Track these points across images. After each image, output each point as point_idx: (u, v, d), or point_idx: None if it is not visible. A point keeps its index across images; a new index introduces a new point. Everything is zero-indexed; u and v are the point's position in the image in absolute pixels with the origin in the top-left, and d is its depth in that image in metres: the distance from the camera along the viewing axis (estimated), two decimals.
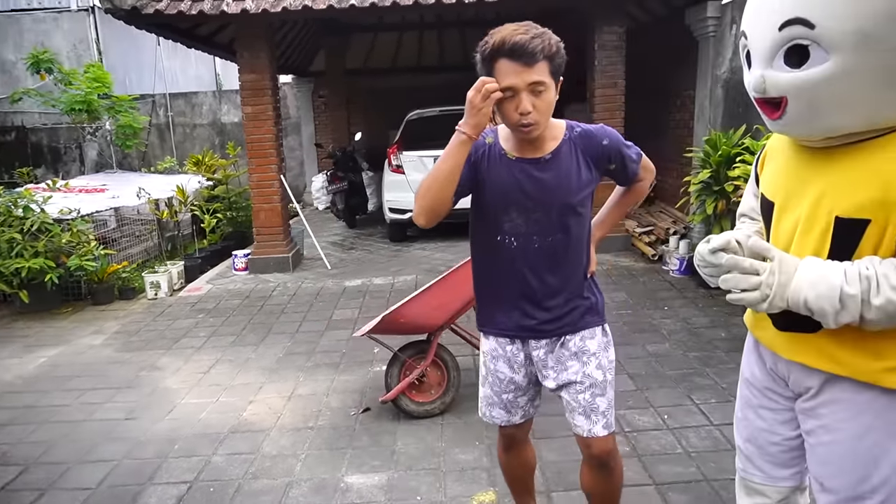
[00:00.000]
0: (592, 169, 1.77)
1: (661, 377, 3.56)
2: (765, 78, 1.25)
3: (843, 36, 1.12)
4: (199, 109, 11.97)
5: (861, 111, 1.19)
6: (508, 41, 1.55)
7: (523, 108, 1.59)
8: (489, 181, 1.73)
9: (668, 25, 6.54)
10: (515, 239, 1.75)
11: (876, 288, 1.17)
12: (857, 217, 1.21)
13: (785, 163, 1.40)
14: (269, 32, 6.25)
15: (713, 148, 4.82)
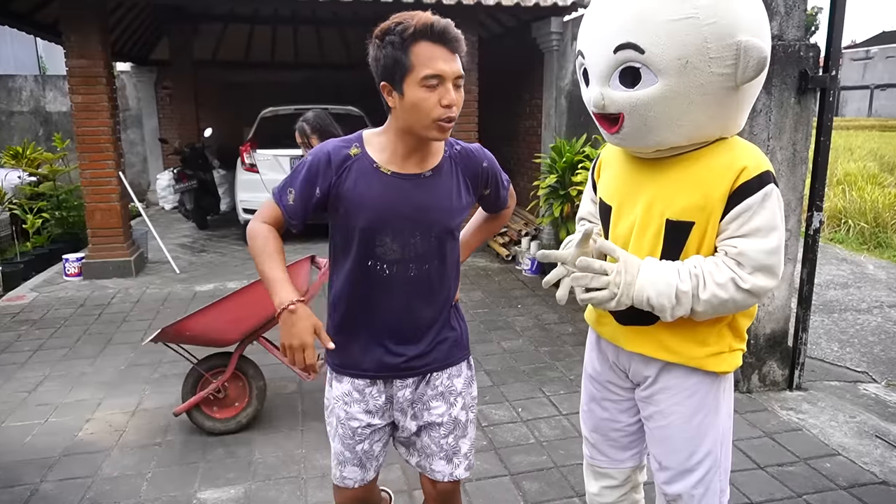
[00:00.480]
0: (470, 191, 1.62)
1: (515, 372, 3.76)
2: (603, 96, 1.36)
3: (669, 62, 1.27)
4: (18, 95, 10.63)
5: (685, 128, 1.34)
6: (437, 23, 1.38)
7: (450, 98, 1.39)
8: (357, 200, 1.49)
9: (519, 36, 6.90)
10: (389, 266, 1.53)
11: (703, 284, 1.34)
12: (683, 220, 1.38)
13: (619, 171, 1.55)
14: (102, 14, 5.71)
15: (559, 154, 5.18)
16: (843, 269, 6.19)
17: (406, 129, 1.47)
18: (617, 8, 1.33)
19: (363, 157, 1.51)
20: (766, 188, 1.33)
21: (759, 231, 1.33)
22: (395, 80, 1.40)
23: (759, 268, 1.34)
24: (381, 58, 1.40)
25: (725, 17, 1.26)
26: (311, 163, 1.50)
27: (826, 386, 3.56)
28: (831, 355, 4.11)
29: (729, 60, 1.28)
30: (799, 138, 3.29)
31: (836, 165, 10.34)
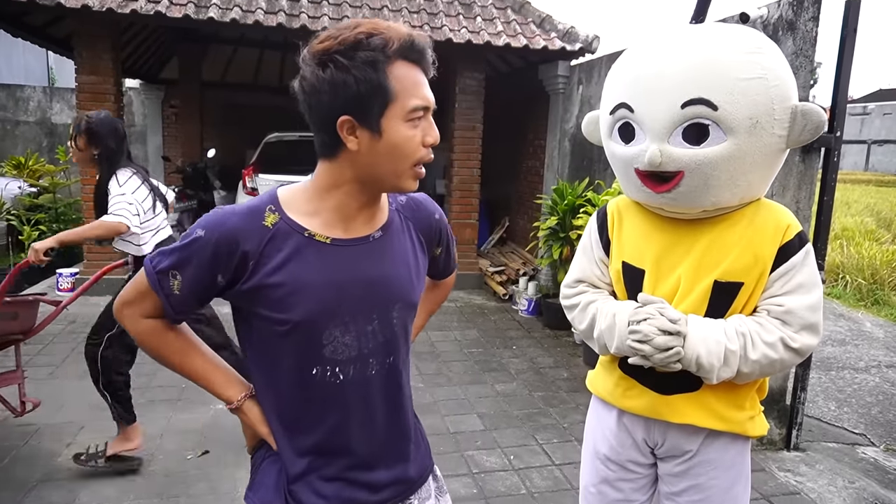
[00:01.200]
0: (425, 250, 1.27)
1: (508, 417, 3.69)
2: (662, 152, 1.28)
3: (741, 120, 1.24)
4: (25, 105, 10.66)
5: (741, 188, 1.32)
6: (417, 39, 1.07)
7: (436, 135, 1.09)
8: (288, 288, 1.07)
9: (526, 77, 6.98)
10: (342, 369, 1.12)
11: (752, 344, 1.29)
12: (733, 280, 1.33)
13: (647, 231, 1.46)
14: (115, 32, 5.76)
15: (560, 196, 5.18)
16: (840, 326, 6.17)
17: (368, 180, 1.10)
18: (680, 61, 1.28)
19: (285, 225, 1.09)
20: (806, 246, 1.34)
21: (803, 287, 1.32)
22: (368, 112, 1.03)
23: (805, 326, 1.32)
24: (350, 83, 1.01)
25: (785, 80, 1.28)
26: (207, 242, 1.06)
27: (824, 447, 3.50)
28: (829, 414, 4.06)
29: (786, 123, 1.29)
30: (802, 196, 3.30)
31: (833, 219, 10.39)
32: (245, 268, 1.07)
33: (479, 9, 6.36)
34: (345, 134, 1.05)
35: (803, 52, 3.15)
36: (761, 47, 1.28)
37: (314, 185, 1.13)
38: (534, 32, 6.16)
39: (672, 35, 1.35)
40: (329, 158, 1.09)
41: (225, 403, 1.20)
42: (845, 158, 29.76)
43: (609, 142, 1.46)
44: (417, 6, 6.14)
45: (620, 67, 1.42)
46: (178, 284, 1.09)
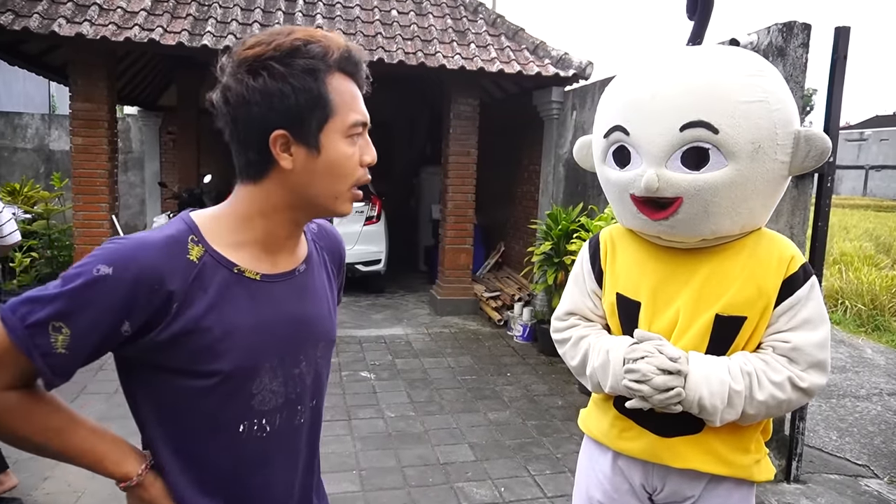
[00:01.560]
0: (336, 282, 1.19)
1: (500, 447, 3.60)
2: (659, 177, 1.21)
3: (743, 145, 1.19)
4: (23, 132, 10.72)
5: (742, 216, 1.25)
6: (353, 50, 0.98)
7: (374, 154, 1.01)
8: (218, 334, 0.93)
9: (520, 103, 7.00)
10: (270, 420, 1.00)
11: (757, 384, 1.22)
12: (735, 315, 1.26)
13: (638, 261, 1.38)
14: (111, 61, 5.78)
15: (555, 222, 5.15)
16: (840, 352, 6.08)
17: (300, 204, 0.98)
18: (679, 83, 1.22)
19: (211, 259, 0.95)
20: (811, 279, 1.27)
21: (809, 323, 1.25)
22: (306, 127, 0.93)
23: (813, 363, 1.24)
24: (287, 93, 0.91)
25: (787, 104, 1.24)
26: (118, 282, 0.86)
27: (825, 479, 3.40)
28: (830, 445, 3.96)
29: (789, 148, 1.24)
30: (796, 222, 3.26)
31: (832, 244, 10.37)
32: (167, 312, 0.89)
33: (472, 36, 6.40)
34: (278, 150, 0.93)
35: (793, 77, 3.14)
36: (762, 70, 1.23)
37: (235, 212, 0.99)
38: (527, 59, 6.19)
39: (670, 56, 1.29)
40: (254, 181, 0.97)
41: (117, 482, 0.97)
42: (843, 184, 29.86)
43: (603, 167, 1.38)
44: (412, 33, 6.18)
45: (615, 89, 1.36)
46: (65, 340, 0.86)
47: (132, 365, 0.95)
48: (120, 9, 5.44)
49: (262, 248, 1.00)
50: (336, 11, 6.25)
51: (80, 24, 5.11)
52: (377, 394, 4.34)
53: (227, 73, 0.94)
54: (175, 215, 6.90)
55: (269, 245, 1.00)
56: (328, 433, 3.66)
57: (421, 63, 5.75)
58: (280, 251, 1.02)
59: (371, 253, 7.17)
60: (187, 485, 0.98)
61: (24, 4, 5.17)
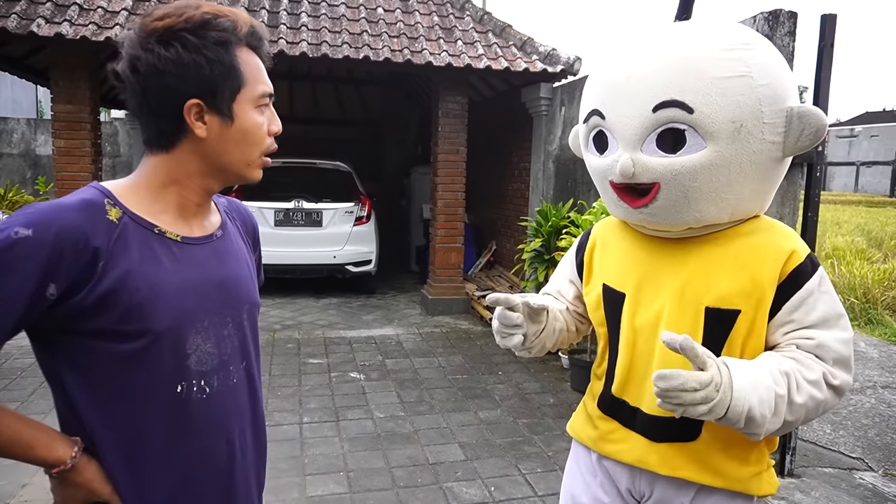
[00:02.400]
0: (251, 251, 1.21)
1: (490, 446, 3.54)
2: (634, 162, 1.14)
3: (721, 124, 1.09)
4: (9, 137, 10.63)
5: (729, 201, 1.16)
6: (256, 25, 1.03)
7: (279, 124, 1.06)
8: (147, 291, 0.92)
9: (509, 100, 6.96)
10: (208, 380, 1.00)
11: (796, 385, 1.09)
12: (727, 308, 1.16)
13: (628, 252, 1.31)
14: (93, 62, 5.70)
15: (545, 218, 5.10)
16: None
17: (214, 171, 1.01)
18: (653, 61, 1.14)
19: (130, 220, 0.95)
20: (819, 271, 1.18)
21: (828, 320, 1.14)
22: (220, 96, 0.96)
23: (839, 360, 1.13)
24: (202, 63, 0.94)
25: (777, 79, 1.13)
26: (39, 242, 0.85)
27: (820, 473, 3.36)
28: (824, 438, 3.92)
29: (780, 128, 1.14)
30: (786, 213, 3.22)
31: (824, 239, 10.37)
32: (93, 271, 0.88)
33: (459, 32, 6.35)
34: (192, 119, 0.96)
35: None
36: (749, 43, 1.13)
37: (148, 182, 1.00)
38: (515, 55, 6.15)
39: (648, 34, 1.21)
40: (165, 149, 0.99)
41: (47, 469, 0.93)
42: (835, 180, 30.00)
43: (586, 153, 1.32)
44: (398, 31, 6.13)
45: (594, 72, 1.29)
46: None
47: (55, 339, 0.92)
48: (101, 8, 5.37)
49: (177, 215, 1.02)
50: (321, 10, 6.20)
51: (59, 25, 5.04)
52: (366, 394, 4.27)
53: (135, 43, 0.95)
54: None
55: (183, 211, 1.03)
56: (316, 434, 3.59)
57: (407, 60, 5.70)
58: (193, 217, 1.05)
59: (361, 253, 7.10)
60: (122, 464, 0.96)
61: (1, 4, 5.09)
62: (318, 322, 6.20)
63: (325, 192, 7.02)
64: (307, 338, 5.60)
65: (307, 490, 2.99)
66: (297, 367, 4.78)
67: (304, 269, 7.00)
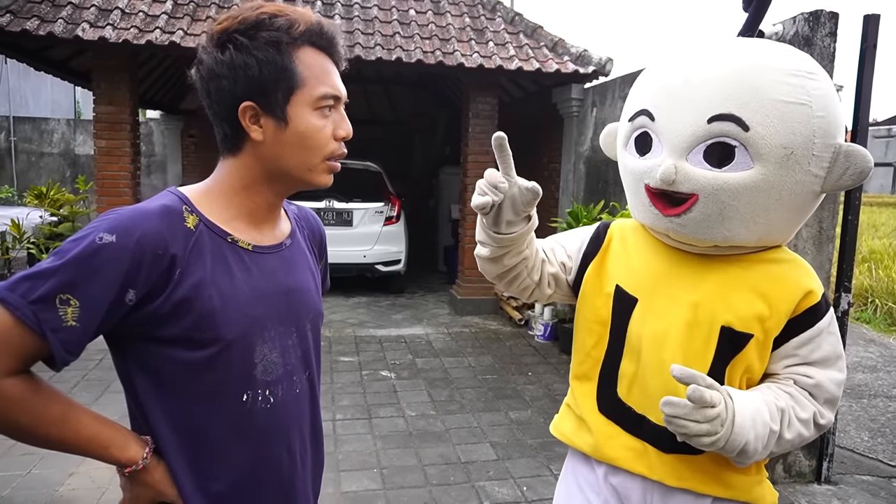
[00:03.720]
0: (317, 262, 1.21)
1: (522, 446, 3.56)
2: (677, 169, 1.11)
3: (774, 148, 1.07)
4: (50, 137, 10.94)
5: (761, 227, 1.14)
6: (326, 25, 1.00)
7: (349, 128, 1.02)
8: (219, 300, 0.94)
9: (539, 101, 6.95)
10: (273, 390, 1.01)
11: (788, 422, 1.13)
12: (741, 330, 1.16)
13: (643, 258, 1.29)
14: (133, 64, 5.86)
15: (575, 219, 5.09)
16: (871, 351, 5.93)
17: (276, 176, 1.00)
18: (715, 70, 1.11)
19: (206, 228, 0.96)
20: (830, 311, 1.19)
21: (829, 360, 1.17)
22: (273, 98, 0.95)
23: (830, 401, 1.17)
24: (251, 65, 0.93)
25: (832, 114, 1.11)
26: (123, 248, 0.86)
27: (857, 481, 3.31)
28: (861, 445, 3.85)
29: (825, 163, 1.11)
30: (825, 216, 3.17)
31: (860, 242, 10.14)
32: (170, 278, 0.90)
33: (491, 34, 6.37)
34: (247, 122, 0.96)
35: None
36: (813, 73, 1.11)
37: (221, 187, 1.01)
38: (546, 56, 6.15)
39: (712, 44, 1.19)
40: (233, 153, 1.00)
41: (120, 468, 0.94)
42: (871, 181, 29.24)
43: (624, 153, 1.29)
44: (430, 32, 6.17)
45: (649, 72, 1.26)
46: (74, 312, 0.84)
47: (128, 343, 0.94)
48: (141, 13, 5.51)
49: (248, 221, 1.02)
50: (354, 11, 6.27)
51: (102, 28, 5.18)
52: (398, 393, 4.32)
53: (201, 48, 0.98)
54: None
55: (254, 218, 1.03)
56: (349, 431, 3.65)
57: (439, 62, 5.74)
58: (264, 224, 1.05)
59: (391, 253, 7.16)
60: (186, 467, 0.97)
61: (48, 10, 5.26)
62: (349, 320, 6.27)
63: (355, 191, 7.10)
64: (338, 336, 5.67)
65: (342, 486, 3.04)
66: (328, 364, 4.85)
67: (335, 268, 7.07)
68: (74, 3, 5.38)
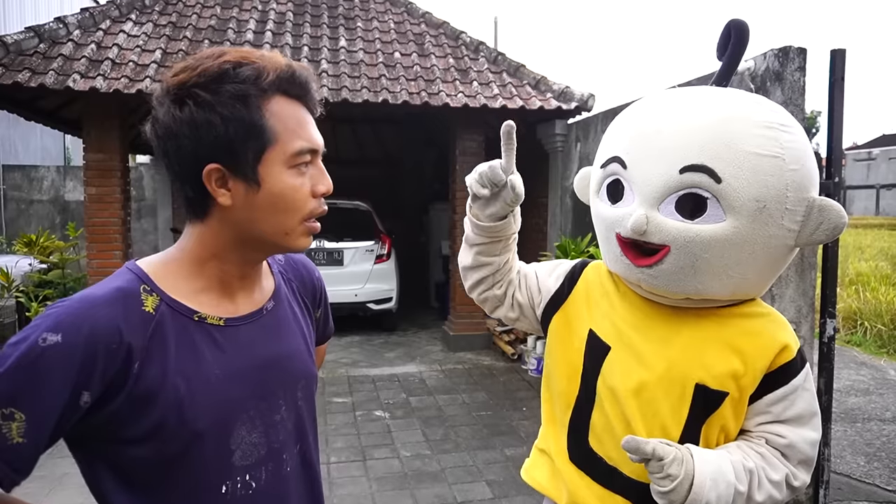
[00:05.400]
0: (311, 315, 1.11)
1: (518, 483, 3.53)
2: (649, 220, 1.09)
3: (746, 201, 1.05)
4: (40, 184, 10.97)
5: (734, 280, 1.12)
6: (298, 69, 0.89)
7: (329, 183, 0.92)
8: (187, 389, 0.85)
9: (524, 137, 7.07)
10: (255, 474, 0.92)
11: (758, 483, 1.10)
12: (716, 388, 1.14)
13: (616, 306, 1.26)
14: (123, 111, 5.94)
15: (564, 253, 5.14)
16: (863, 374, 5.95)
17: (249, 242, 0.91)
18: (688, 121, 1.10)
19: (168, 308, 0.87)
20: (805, 367, 1.16)
21: (803, 418, 1.14)
22: (242, 158, 0.85)
23: (805, 461, 1.14)
24: (215, 123, 0.83)
25: (805, 167, 1.10)
26: (70, 348, 0.77)
27: None
28: (858, 471, 3.85)
29: (799, 216, 1.09)
30: None
31: (847, 264, 10.26)
32: (128, 373, 0.80)
33: (475, 73, 6.52)
34: (213, 186, 0.86)
35: (792, 101, 3.16)
36: (786, 125, 1.09)
37: (188, 255, 0.91)
38: (529, 94, 6.29)
39: (685, 93, 1.18)
40: (200, 218, 0.89)
41: None
42: (855, 204, 29.68)
43: (596, 199, 1.27)
44: (415, 74, 6.31)
45: (623, 119, 1.24)
46: (20, 428, 0.75)
47: (90, 444, 0.84)
48: (131, 62, 5.61)
49: (220, 292, 0.92)
50: (340, 55, 6.41)
51: (93, 79, 5.27)
52: (392, 433, 4.29)
53: (155, 102, 0.86)
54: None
55: (226, 287, 0.93)
56: (343, 474, 3.61)
57: (425, 102, 5.85)
58: (238, 291, 0.94)
59: (382, 291, 7.18)
60: None
61: (39, 63, 5.35)
62: (341, 360, 6.25)
63: (345, 231, 7.15)
64: (331, 377, 5.65)
65: None
66: (322, 406, 4.82)
67: (358, 307, 7.09)
68: (65, 55, 5.47)
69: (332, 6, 7.53)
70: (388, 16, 7.51)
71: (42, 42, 5.59)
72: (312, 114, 0.92)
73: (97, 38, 5.86)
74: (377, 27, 7.15)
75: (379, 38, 6.89)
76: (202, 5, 7.00)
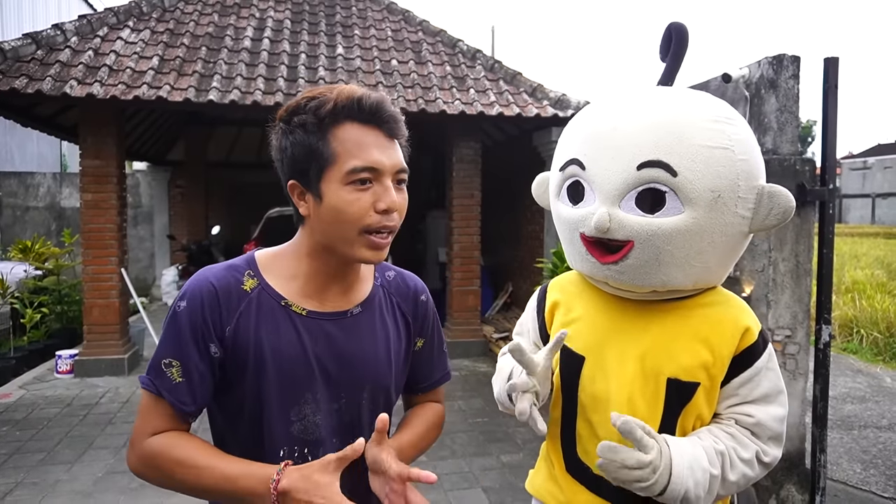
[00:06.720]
0: (411, 334, 1.22)
1: (514, 490, 3.52)
2: (611, 217, 1.13)
3: (702, 192, 1.10)
4: (35, 191, 10.94)
5: (696, 269, 1.16)
6: (366, 98, 1.03)
7: (390, 200, 1.03)
8: (260, 353, 1.04)
9: (521, 144, 7.10)
10: (312, 450, 1.07)
11: (730, 463, 1.14)
12: (687, 380, 1.17)
13: (585, 314, 1.30)
14: (120, 118, 5.95)
15: (560, 259, 5.15)
16: (859, 382, 5.96)
17: (324, 248, 1.07)
18: (641, 119, 1.15)
19: (263, 290, 1.07)
20: (768, 348, 1.20)
21: (769, 396, 1.19)
22: (307, 176, 1.03)
23: (774, 437, 1.19)
24: (286, 147, 1.04)
25: (752, 157, 1.16)
26: (191, 307, 1.03)
27: None
28: (854, 478, 3.85)
29: (751, 204, 1.15)
30: (801, 249, 3.25)
31: (843, 272, 10.28)
32: (224, 327, 1.04)
33: (471, 81, 6.55)
34: (296, 198, 1.07)
35: (787, 108, 3.18)
36: (731, 118, 1.16)
37: (291, 250, 1.13)
38: (526, 101, 6.31)
39: (636, 93, 1.23)
40: (300, 223, 1.11)
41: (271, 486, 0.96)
42: (851, 212, 29.82)
43: (556, 202, 1.29)
44: (412, 81, 6.33)
45: (577, 122, 1.27)
46: (178, 371, 1.02)
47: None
48: (129, 69, 5.62)
49: (311, 285, 1.11)
50: (338, 63, 6.43)
51: (90, 85, 5.27)
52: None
53: (273, 134, 1.10)
54: (184, 268, 7.03)
55: (316, 283, 1.11)
56: None
57: (422, 109, 5.87)
58: (328, 290, 1.12)
59: None
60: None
61: (37, 69, 5.35)
62: None
63: None
64: None
65: None
66: None
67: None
68: (62, 62, 5.48)
69: (330, 14, 7.57)
70: (386, 23, 7.54)
71: (39, 49, 5.60)
72: (392, 136, 1.07)
73: (94, 45, 5.87)
74: (374, 35, 7.18)
75: (376, 46, 6.92)
76: (199, 13, 7.02)
